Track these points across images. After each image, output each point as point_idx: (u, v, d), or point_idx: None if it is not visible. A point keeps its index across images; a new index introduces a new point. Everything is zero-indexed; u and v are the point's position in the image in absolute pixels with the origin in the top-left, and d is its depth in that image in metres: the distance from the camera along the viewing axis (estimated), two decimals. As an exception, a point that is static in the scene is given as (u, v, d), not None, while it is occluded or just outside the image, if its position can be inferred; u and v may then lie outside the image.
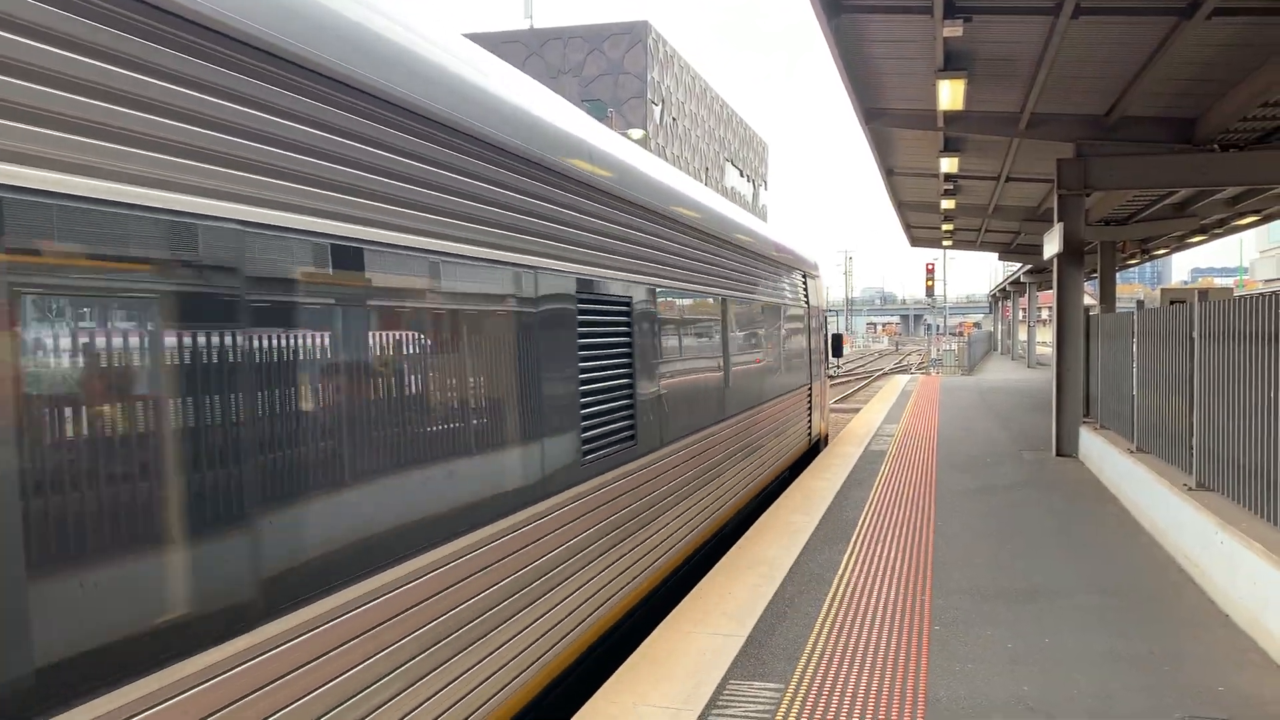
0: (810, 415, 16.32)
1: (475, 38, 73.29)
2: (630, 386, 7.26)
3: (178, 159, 3.04)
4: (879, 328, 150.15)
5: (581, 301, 6.23)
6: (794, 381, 14.75)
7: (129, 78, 2.88)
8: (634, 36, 73.26)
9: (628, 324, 7.19)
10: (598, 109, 67.40)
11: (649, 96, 73.45)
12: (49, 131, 2.62)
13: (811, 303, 16.60)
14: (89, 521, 2.71)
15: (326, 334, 3.77)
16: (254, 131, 3.39)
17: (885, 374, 51.67)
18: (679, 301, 8.70)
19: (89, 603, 2.69)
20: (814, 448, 16.77)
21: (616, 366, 6.97)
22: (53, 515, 2.61)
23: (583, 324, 6.28)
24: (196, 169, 3.11)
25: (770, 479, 12.94)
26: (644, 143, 64.99)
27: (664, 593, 8.18)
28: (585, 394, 6.31)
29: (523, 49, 73.74)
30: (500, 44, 72.89)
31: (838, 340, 20.35)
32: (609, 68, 73.44)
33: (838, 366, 47.15)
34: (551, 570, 5.72)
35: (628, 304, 7.20)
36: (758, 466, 12.05)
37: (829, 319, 22.40)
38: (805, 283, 16.04)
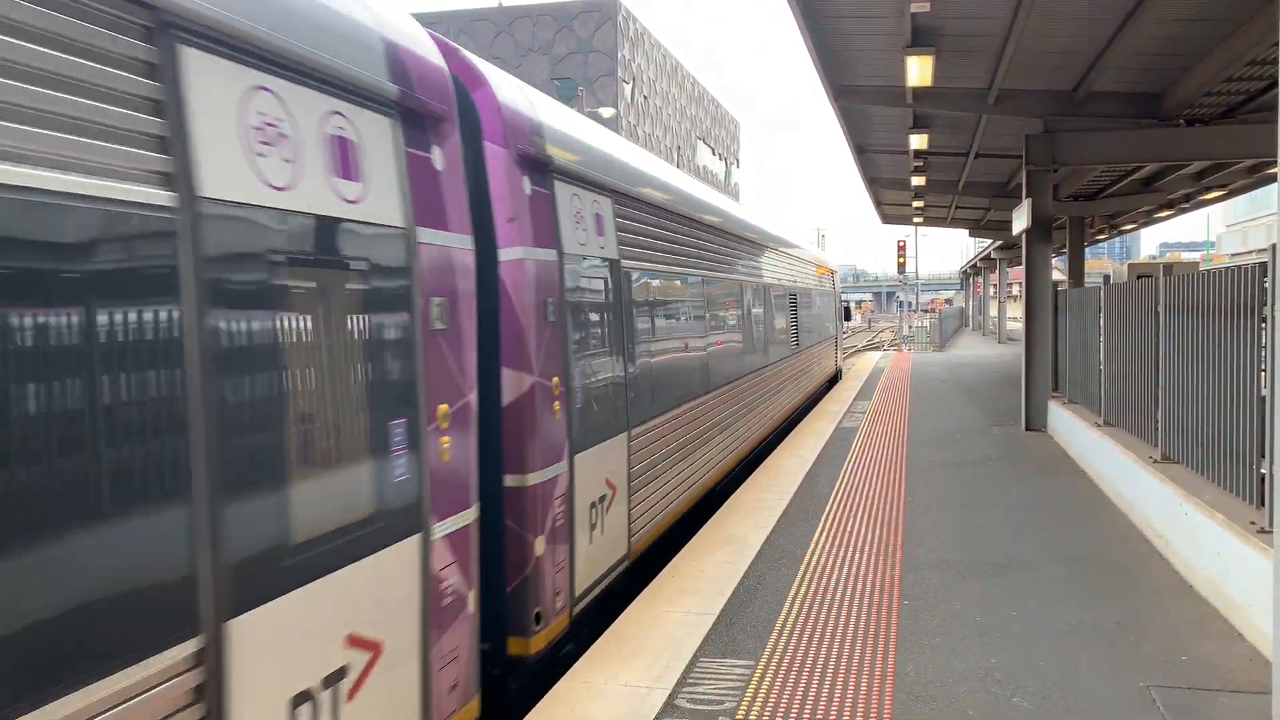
0: (837, 353, 28.09)
1: (444, 16, 72.48)
2: (796, 323, 18.19)
3: None
4: (853, 305, 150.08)
5: (790, 295, 17.60)
6: (830, 332, 25.94)
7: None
8: (604, 14, 72.64)
9: (794, 302, 18.15)
10: (568, 88, 66.85)
11: (620, 74, 73.00)
12: None
13: (836, 289, 28.68)
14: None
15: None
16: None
17: (858, 350, 51.92)
18: (803, 293, 19.60)
19: None
20: (836, 376, 27.41)
21: (793, 315, 17.92)
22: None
23: (792, 305, 17.83)
24: None
25: (823, 381, 23.81)
26: (615, 121, 64.59)
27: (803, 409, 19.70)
28: (793, 323, 18.09)
29: (492, 27, 72.98)
30: (469, 22, 72.09)
31: (848, 310, 34.95)
32: (579, 46, 72.85)
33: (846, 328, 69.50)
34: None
35: (795, 295, 18.21)
36: (820, 370, 23.09)
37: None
38: (832, 277, 27.93)
